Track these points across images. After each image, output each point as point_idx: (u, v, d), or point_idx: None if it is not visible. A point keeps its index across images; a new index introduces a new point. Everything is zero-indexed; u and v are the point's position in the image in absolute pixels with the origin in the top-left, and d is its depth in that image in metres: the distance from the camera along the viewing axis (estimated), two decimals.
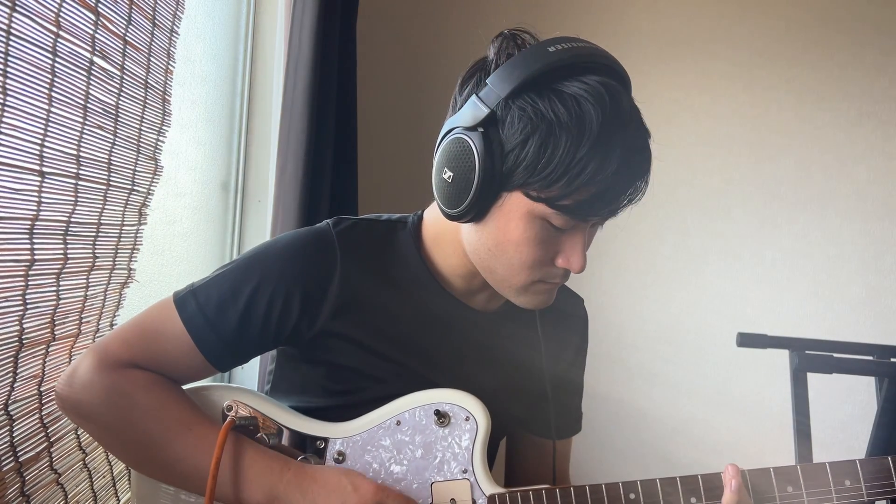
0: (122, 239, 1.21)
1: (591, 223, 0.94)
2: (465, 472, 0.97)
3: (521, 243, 0.92)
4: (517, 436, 1.26)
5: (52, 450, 1.06)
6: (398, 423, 0.99)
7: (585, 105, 0.84)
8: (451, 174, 0.92)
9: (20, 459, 0.98)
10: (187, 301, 0.98)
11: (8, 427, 0.96)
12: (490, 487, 0.97)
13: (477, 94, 0.90)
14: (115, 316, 1.23)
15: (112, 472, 1.23)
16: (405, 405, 1.00)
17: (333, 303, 1.00)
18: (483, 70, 0.94)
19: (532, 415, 1.20)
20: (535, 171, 0.86)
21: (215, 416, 1.00)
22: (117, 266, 1.21)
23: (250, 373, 1.78)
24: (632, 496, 0.95)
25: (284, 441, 1.01)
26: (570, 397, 1.25)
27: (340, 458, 0.98)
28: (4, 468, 0.94)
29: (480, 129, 0.89)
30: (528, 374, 1.13)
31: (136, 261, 1.27)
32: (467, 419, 0.99)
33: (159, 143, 1.31)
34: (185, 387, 1.02)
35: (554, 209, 0.88)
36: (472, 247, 0.99)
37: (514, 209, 0.91)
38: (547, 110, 0.85)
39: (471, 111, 0.90)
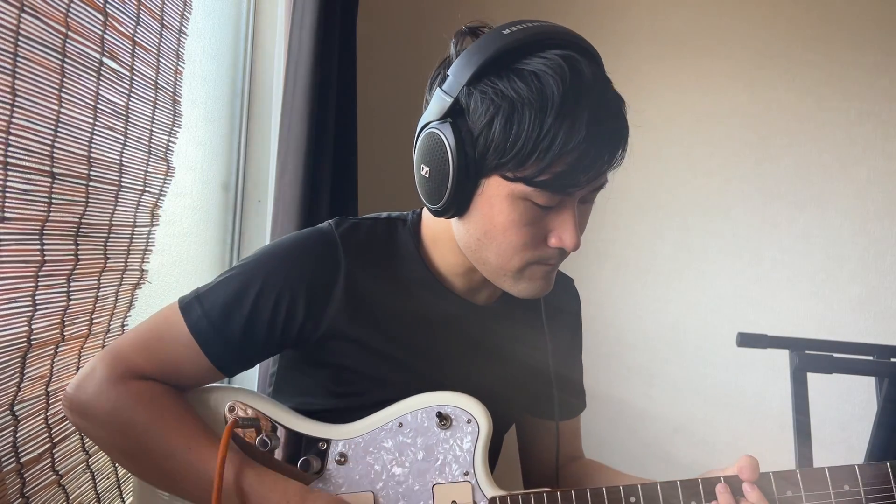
0: (133, 240, 1.21)
1: (577, 197, 0.92)
2: (466, 474, 0.97)
3: (508, 227, 0.91)
4: (525, 421, 1.27)
5: (54, 451, 1.06)
6: (400, 425, 0.99)
7: (545, 78, 0.84)
8: (428, 169, 0.92)
9: (21, 460, 0.98)
10: (192, 307, 0.98)
11: (12, 428, 0.96)
12: (491, 490, 0.97)
13: (440, 87, 0.91)
14: (126, 317, 1.23)
15: (117, 474, 1.23)
16: (407, 407, 1.00)
17: (338, 304, 1.00)
18: (445, 66, 0.95)
19: (537, 400, 1.21)
20: (505, 151, 0.85)
21: (218, 418, 1.01)
22: (129, 267, 1.21)
23: (251, 374, 1.78)
24: (632, 499, 0.95)
25: (291, 440, 1.01)
26: (574, 377, 1.26)
27: (342, 459, 0.98)
28: (5, 469, 0.94)
29: (449, 120, 0.89)
30: (534, 361, 1.14)
31: (148, 262, 1.27)
32: (469, 421, 0.98)
33: (170, 143, 1.31)
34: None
35: (533, 187, 0.87)
36: (463, 242, 0.98)
37: (496, 194, 0.90)
38: (507, 89, 0.85)
39: (437, 104, 0.91)
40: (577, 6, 2.63)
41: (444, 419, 0.98)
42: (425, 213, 1.09)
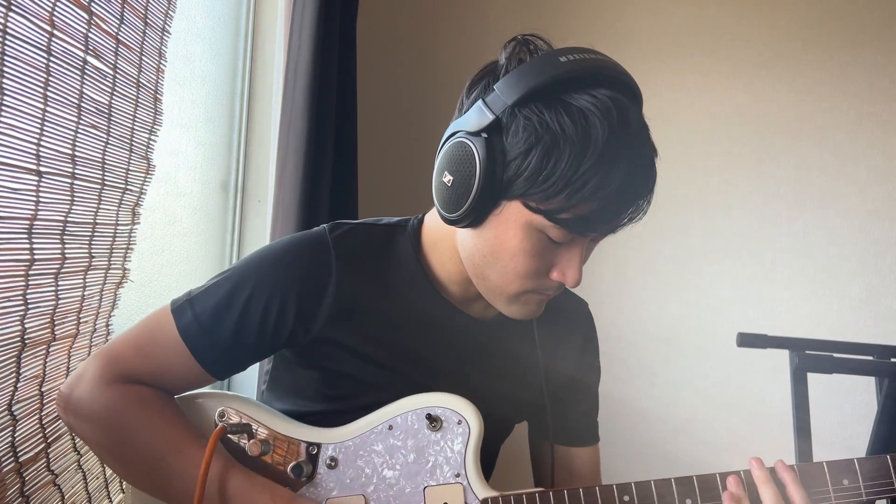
0: (116, 239, 1.21)
1: (589, 238, 0.92)
2: (457, 475, 0.97)
3: (517, 253, 0.91)
4: (536, 443, 1.25)
5: (49, 451, 1.06)
6: (390, 427, 0.99)
7: (592, 119, 0.83)
8: (452, 178, 0.90)
9: (20, 460, 0.98)
10: (184, 309, 0.98)
11: (10, 428, 0.96)
12: (483, 491, 0.97)
13: (483, 100, 0.89)
14: (110, 316, 1.24)
15: (105, 474, 1.24)
16: (397, 410, 1.00)
17: (329, 309, 0.99)
18: (492, 74, 0.92)
19: (539, 420, 1.19)
20: (535, 183, 0.84)
21: (208, 424, 1.01)
22: (112, 266, 1.21)
23: (250, 375, 1.79)
24: (626, 498, 0.94)
25: (282, 446, 1.01)
26: (580, 402, 1.22)
27: (333, 463, 0.98)
28: (5, 469, 0.95)
29: (484, 135, 0.87)
30: (528, 378, 1.13)
31: (130, 261, 1.27)
32: (459, 423, 0.98)
33: (151, 142, 1.31)
34: (180, 395, 1.03)
35: (552, 222, 0.86)
36: (466, 252, 0.98)
37: (513, 218, 0.89)
38: (553, 122, 0.83)
39: (476, 116, 0.89)
40: (577, 5, 2.63)
41: (434, 421, 0.98)
42: (428, 216, 1.09)
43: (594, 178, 0.83)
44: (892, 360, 1.79)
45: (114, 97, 1.16)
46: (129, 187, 1.24)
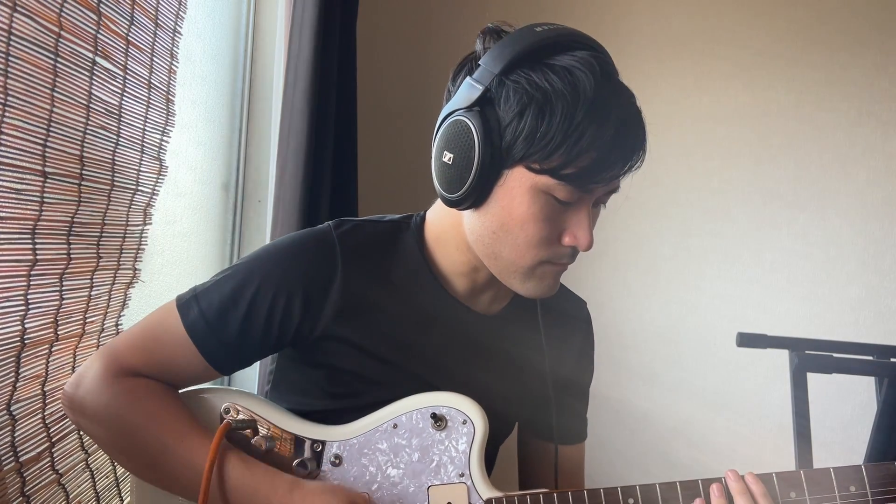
0: (126, 239, 1.21)
1: (594, 195, 0.93)
2: (462, 475, 0.97)
3: (526, 221, 0.92)
4: (528, 441, 1.26)
5: (53, 450, 1.06)
6: (395, 426, 0.99)
7: (577, 73, 0.87)
8: (452, 156, 0.92)
9: (21, 459, 0.98)
10: (190, 306, 0.98)
11: (10, 427, 0.96)
12: (487, 491, 0.96)
13: (471, 76, 0.92)
14: (120, 316, 1.23)
15: (115, 473, 1.24)
16: (402, 408, 1.00)
17: (334, 306, 0.99)
18: (473, 59, 0.96)
19: (536, 418, 1.20)
20: (534, 141, 0.87)
21: (213, 419, 1.00)
22: (122, 266, 1.21)
23: (251, 373, 1.78)
24: (630, 501, 0.94)
25: (286, 442, 1.01)
26: (575, 401, 1.23)
27: (337, 461, 0.98)
28: (5, 468, 0.95)
29: (476, 108, 0.90)
30: (531, 376, 1.13)
31: (140, 261, 1.27)
32: (465, 422, 0.98)
33: (163, 143, 1.31)
34: (184, 389, 1.03)
35: (557, 179, 0.88)
36: (475, 234, 0.98)
37: (517, 186, 0.91)
38: (541, 80, 0.87)
39: (466, 92, 0.92)
40: (578, 6, 2.63)
41: (439, 420, 0.98)
42: (430, 212, 1.09)
43: (590, 128, 0.86)
44: (892, 360, 1.79)
45: (124, 98, 1.16)
46: (140, 188, 1.23)
